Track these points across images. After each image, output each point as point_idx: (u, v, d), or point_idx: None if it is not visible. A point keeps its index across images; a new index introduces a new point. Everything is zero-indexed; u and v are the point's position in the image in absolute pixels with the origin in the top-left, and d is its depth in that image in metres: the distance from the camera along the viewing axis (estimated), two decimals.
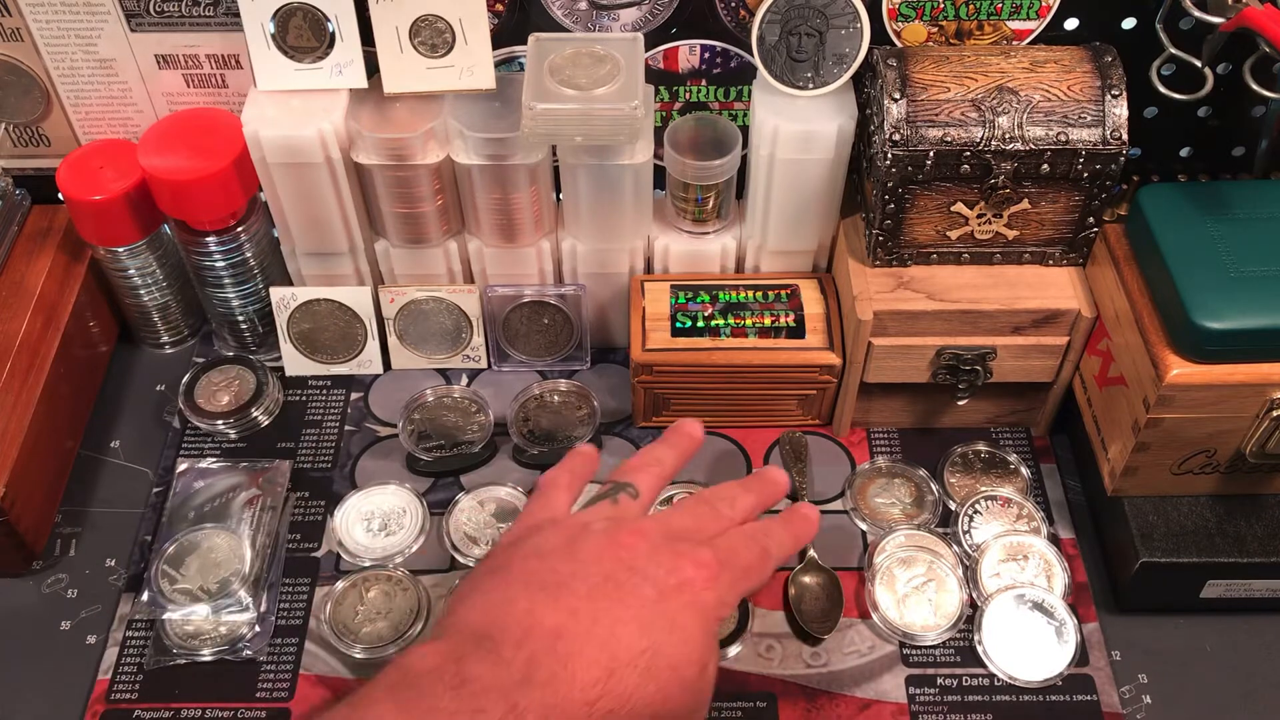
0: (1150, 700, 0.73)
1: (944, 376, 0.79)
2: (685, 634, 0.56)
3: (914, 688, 0.73)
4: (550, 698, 0.52)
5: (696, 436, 0.70)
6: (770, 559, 0.63)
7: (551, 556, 0.59)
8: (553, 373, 0.90)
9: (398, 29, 0.75)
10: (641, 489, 0.65)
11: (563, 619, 0.55)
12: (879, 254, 0.78)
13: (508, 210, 0.82)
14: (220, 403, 0.87)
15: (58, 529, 0.82)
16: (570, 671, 0.53)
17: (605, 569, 0.58)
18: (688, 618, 0.57)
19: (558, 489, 0.66)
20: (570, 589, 0.57)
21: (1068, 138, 0.72)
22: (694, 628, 0.57)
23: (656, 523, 0.61)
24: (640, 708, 0.54)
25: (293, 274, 0.88)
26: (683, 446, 0.69)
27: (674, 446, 0.69)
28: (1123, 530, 0.75)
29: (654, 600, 0.57)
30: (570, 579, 0.57)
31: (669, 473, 0.68)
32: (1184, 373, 0.68)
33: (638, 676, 0.54)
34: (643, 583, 0.57)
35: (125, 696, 0.73)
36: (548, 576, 0.58)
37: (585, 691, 0.53)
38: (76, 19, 0.80)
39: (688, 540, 0.60)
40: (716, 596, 0.59)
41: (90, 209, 0.82)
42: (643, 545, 0.59)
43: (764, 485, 0.68)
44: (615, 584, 0.57)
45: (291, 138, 0.77)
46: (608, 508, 0.63)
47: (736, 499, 0.65)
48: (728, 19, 0.80)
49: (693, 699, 0.57)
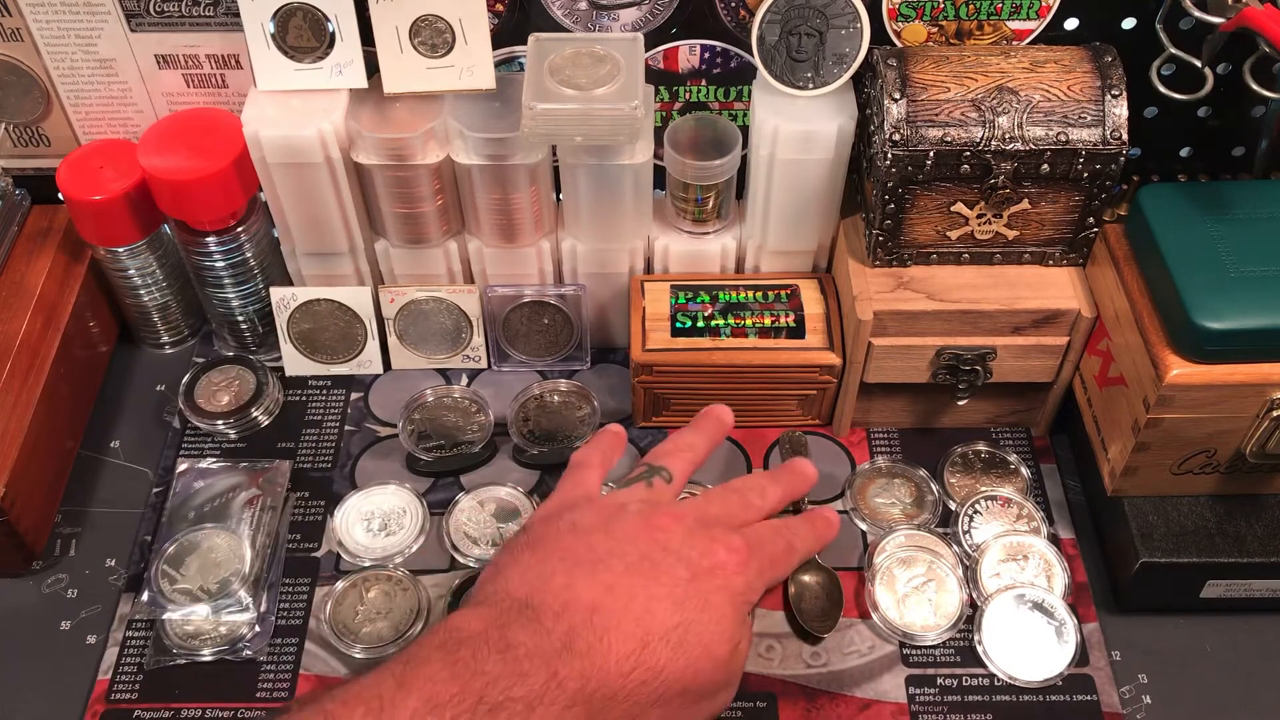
0: (1150, 700, 0.73)
1: (944, 376, 0.79)
2: (717, 613, 0.59)
3: (914, 688, 0.73)
4: (588, 668, 0.55)
5: (727, 422, 0.73)
6: (795, 553, 0.66)
7: (589, 534, 0.62)
8: (553, 373, 0.90)
9: (398, 29, 0.75)
10: (675, 474, 0.68)
11: (599, 593, 0.58)
12: (879, 254, 0.78)
13: (508, 210, 0.82)
14: (220, 403, 0.87)
15: (58, 529, 0.82)
16: (606, 644, 0.56)
17: (641, 548, 0.61)
18: (720, 598, 0.60)
19: (590, 468, 0.69)
20: (607, 565, 0.59)
21: (1068, 138, 0.72)
22: (726, 607, 0.60)
23: (691, 508, 0.64)
24: (672, 680, 0.57)
25: (293, 274, 0.88)
26: (712, 432, 0.73)
27: (704, 432, 0.72)
28: (1123, 530, 0.75)
29: (687, 580, 0.60)
30: (607, 556, 0.60)
31: (700, 458, 0.71)
32: (1184, 373, 0.68)
33: (670, 650, 0.57)
34: (677, 563, 0.60)
35: (125, 696, 0.73)
36: (584, 553, 0.60)
37: (620, 663, 0.56)
38: (76, 19, 0.80)
39: (720, 526, 0.63)
40: (746, 581, 0.61)
41: (90, 209, 0.82)
42: (678, 528, 0.62)
43: (793, 477, 0.71)
44: (651, 563, 0.60)
45: (291, 138, 0.77)
46: (642, 490, 0.66)
47: (766, 489, 0.69)
48: (728, 19, 0.80)
49: (723, 675, 0.60)
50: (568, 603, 0.57)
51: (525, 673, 0.54)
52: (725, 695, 0.61)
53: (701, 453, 0.71)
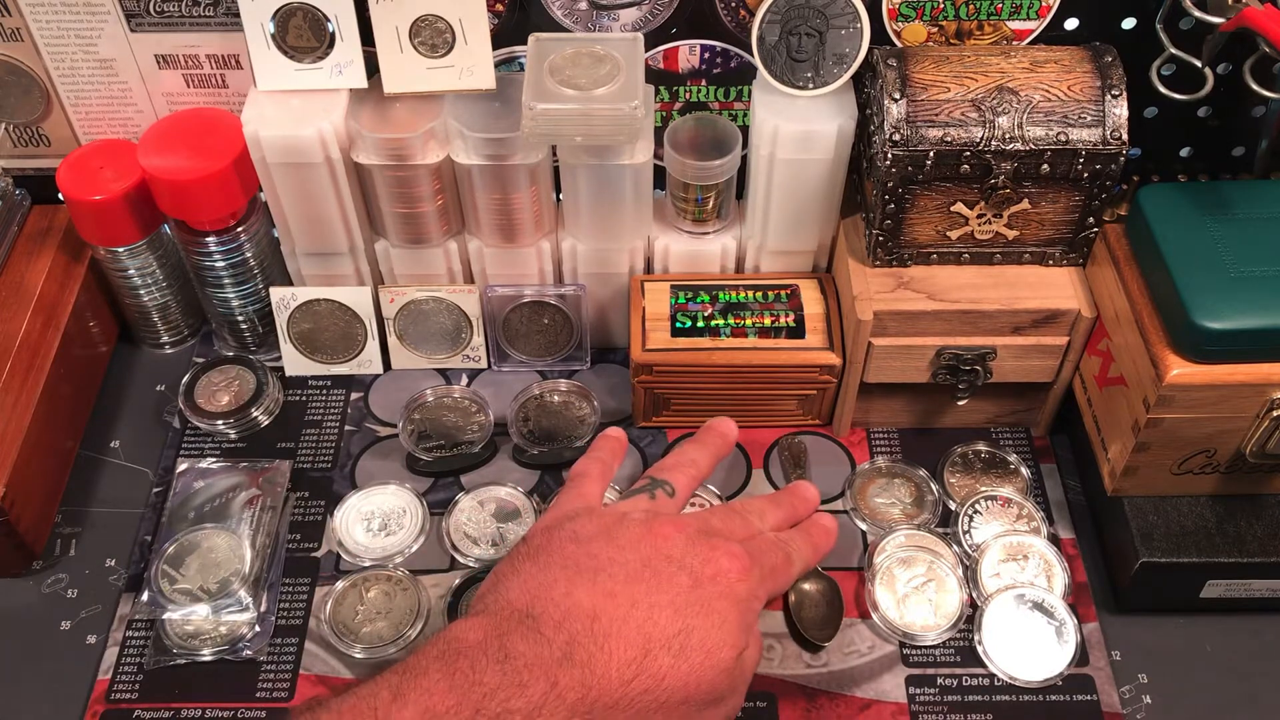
0: (1150, 700, 0.73)
1: (944, 376, 0.79)
2: (720, 619, 0.59)
3: (914, 688, 0.73)
4: (588, 677, 0.55)
5: (730, 436, 0.74)
6: (793, 565, 0.66)
7: (590, 542, 0.61)
8: (553, 373, 0.90)
9: (398, 29, 0.75)
10: (678, 487, 0.68)
11: (600, 601, 0.58)
12: (879, 254, 0.78)
13: (508, 210, 0.82)
14: (220, 403, 0.87)
15: (58, 529, 0.82)
16: (607, 652, 0.56)
17: (643, 556, 0.60)
18: (723, 604, 0.60)
19: (589, 479, 0.69)
20: (608, 573, 0.59)
21: (1068, 138, 0.72)
22: (729, 613, 0.60)
23: (692, 519, 0.64)
24: (674, 687, 0.57)
25: (293, 274, 0.88)
26: (716, 447, 0.73)
27: (707, 446, 0.73)
28: (1123, 530, 0.75)
29: (689, 587, 0.59)
30: (608, 564, 0.60)
31: (704, 473, 0.71)
32: (1184, 373, 0.68)
33: (671, 658, 0.57)
34: (678, 571, 0.60)
35: (125, 696, 0.73)
36: (585, 561, 0.60)
37: (621, 671, 0.56)
38: (76, 19, 0.80)
39: (721, 536, 0.63)
40: (748, 589, 0.61)
41: (90, 209, 0.82)
42: (679, 537, 0.62)
43: (794, 500, 0.71)
44: (652, 570, 0.60)
45: (291, 138, 0.77)
46: (645, 501, 0.67)
47: (766, 512, 0.69)
48: (728, 19, 0.80)
49: (727, 682, 0.59)
50: (569, 611, 0.57)
51: (524, 683, 0.54)
52: (733, 701, 0.61)
53: (704, 467, 0.71)
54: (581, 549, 0.61)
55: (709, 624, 0.58)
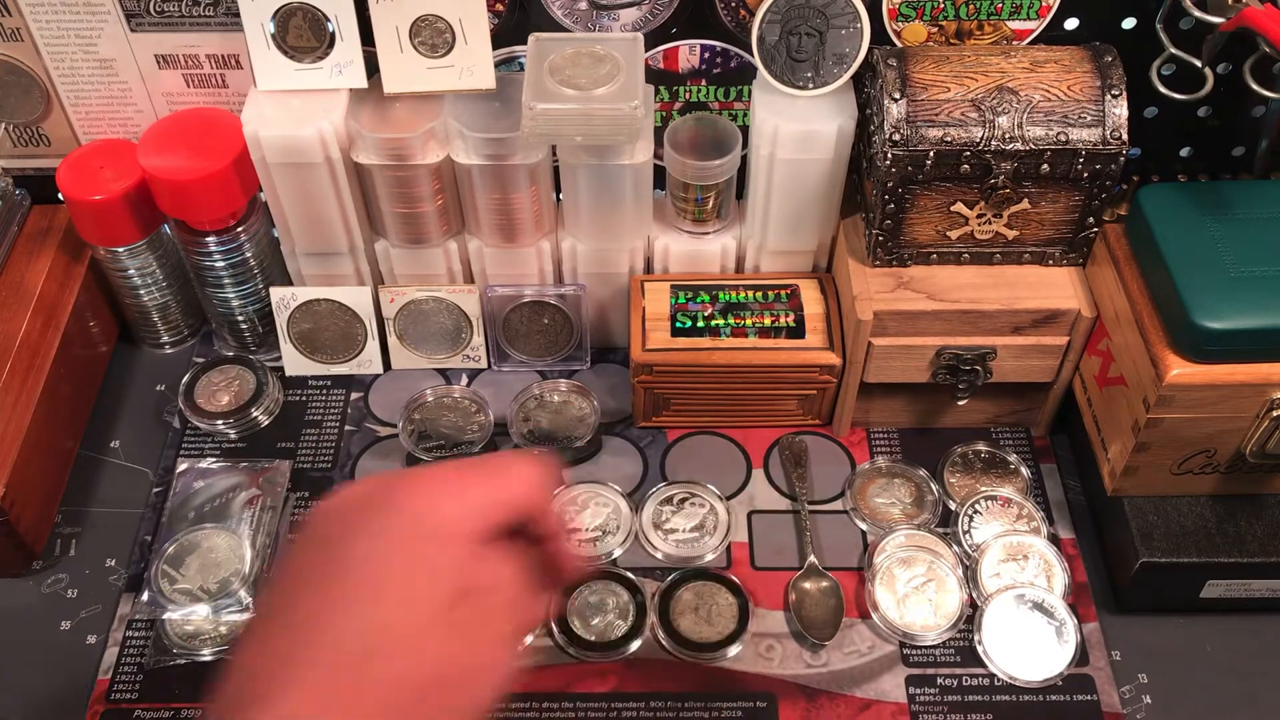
0: (1150, 700, 0.73)
1: (944, 376, 0.79)
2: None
3: (914, 688, 0.73)
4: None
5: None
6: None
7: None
8: (553, 373, 0.90)
9: (398, 29, 0.75)
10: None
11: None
12: (879, 254, 0.78)
13: (508, 210, 0.82)
14: (220, 403, 0.87)
15: (58, 529, 0.82)
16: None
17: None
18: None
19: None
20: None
21: (1068, 138, 0.72)
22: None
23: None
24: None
25: (293, 274, 0.88)
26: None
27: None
28: (1123, 530, 0.75)
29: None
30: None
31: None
32: (1184, 373, 0.68)
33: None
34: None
35: (125, 696, 0.73)
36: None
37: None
38: (76, 19, 0.80)
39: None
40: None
41: (90, 209, 0.82)
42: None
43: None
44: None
45: (291, 138, 0.77)
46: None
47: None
48: (728, 19, 0.80)
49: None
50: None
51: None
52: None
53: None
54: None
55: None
